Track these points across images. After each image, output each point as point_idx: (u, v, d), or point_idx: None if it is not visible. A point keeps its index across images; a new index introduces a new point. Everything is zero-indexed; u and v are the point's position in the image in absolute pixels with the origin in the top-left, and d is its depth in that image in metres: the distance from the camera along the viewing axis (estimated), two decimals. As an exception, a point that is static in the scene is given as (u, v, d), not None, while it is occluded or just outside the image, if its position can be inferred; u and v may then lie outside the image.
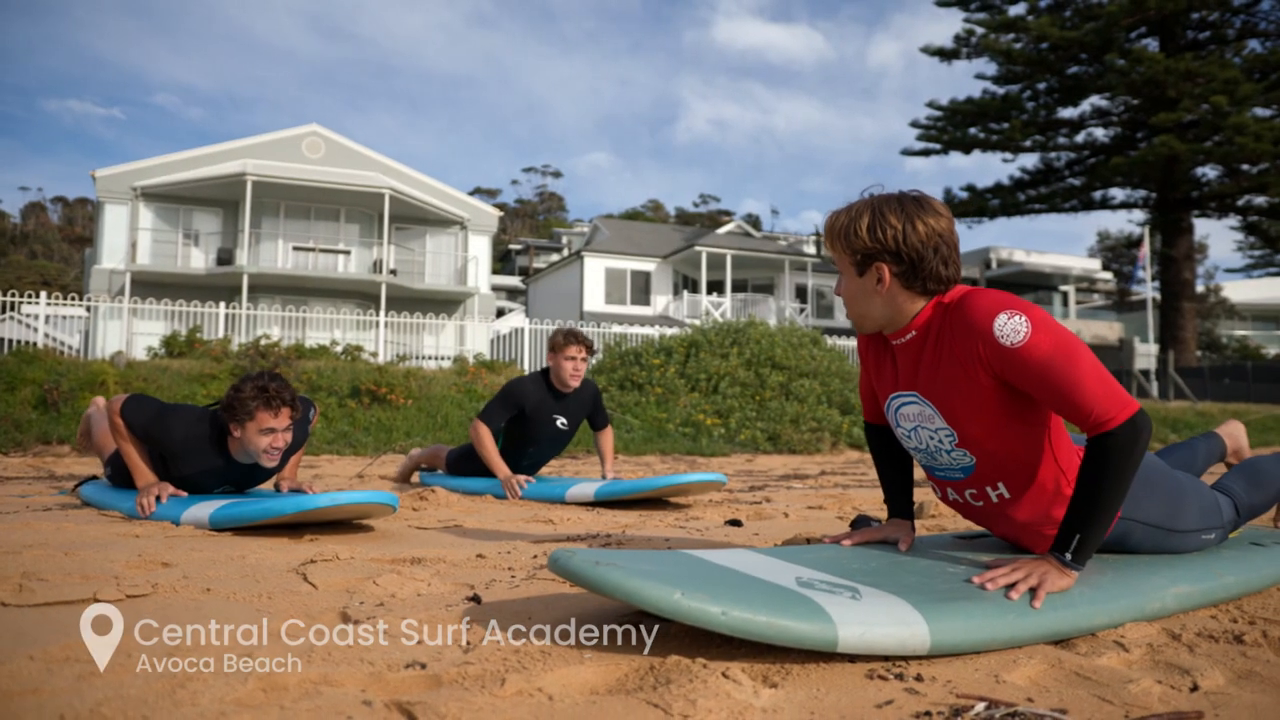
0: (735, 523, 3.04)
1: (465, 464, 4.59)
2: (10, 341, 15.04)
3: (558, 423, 4.31)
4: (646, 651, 1.37)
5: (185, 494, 3.08)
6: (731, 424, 11.84)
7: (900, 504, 2.09)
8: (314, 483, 4.88)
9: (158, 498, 3.00)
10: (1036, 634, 1.54)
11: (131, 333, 20.59)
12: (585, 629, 1.44)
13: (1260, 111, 33.06)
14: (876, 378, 1.96)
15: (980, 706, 1.22)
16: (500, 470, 4.14)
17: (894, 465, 2.12)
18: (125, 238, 23.78)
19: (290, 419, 2.98)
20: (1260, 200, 34.54)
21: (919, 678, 1.35)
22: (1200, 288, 45.40)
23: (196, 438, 3.01)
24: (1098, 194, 36.58)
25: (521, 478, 4.14)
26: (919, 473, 2.39)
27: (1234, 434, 2.77)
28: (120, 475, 3.43)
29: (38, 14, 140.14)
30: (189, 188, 24.22)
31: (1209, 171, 34.88)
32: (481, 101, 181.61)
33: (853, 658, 1.38)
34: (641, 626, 1.44)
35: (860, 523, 2.33)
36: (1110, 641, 1.60)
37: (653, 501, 3.87)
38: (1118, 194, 37.00)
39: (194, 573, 1.90)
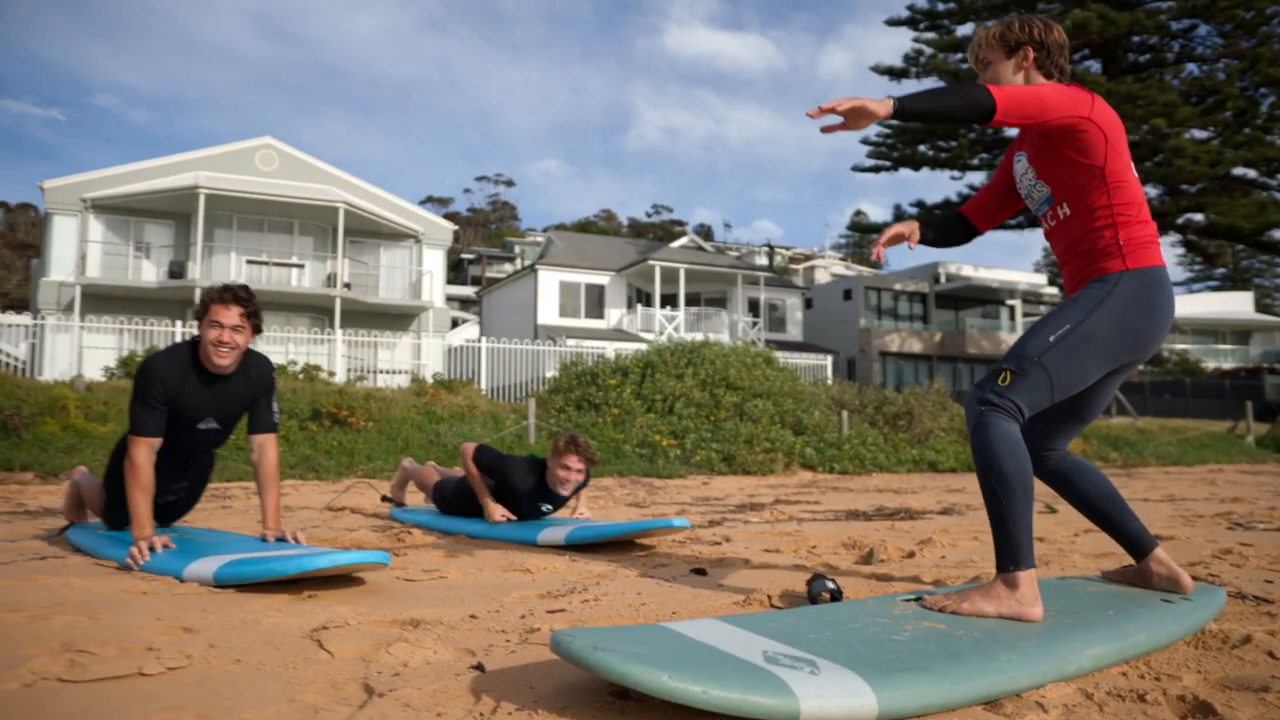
0: (700, 571, 3.28)
1: (452, 504, 4.79)
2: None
3: (542, 508, 4.57)
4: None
5: (175, 546, 3.26)
6: (687, 445, 12.11)
7: (928, 222, 2.93)
8: (290, 521, 5.04)
9: (153, 549, 3.19)
10: (969, 698, 1.79)
11: (82, 346, 20.36)
12: (579, 699, 1.67)
13: (1198, 134, 34.24)
14: (1012, 147, 2.77)
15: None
16: (487, 506, 4.43)
17: (948, 217, 2.97)
18: (74, 250, 23.51)
19: (242, 319, 3.41)
20: (1199, 218, 35.72)
21: (868, 743, 1.59)
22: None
23: (176, 360, 3.43)
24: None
25: (505, 513, 4.41)
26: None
27: None
28: (113, 512, 3.64)
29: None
30: (140, 200, 24.01)
31: (1150, 190, 35.96)
32: (432, 107, 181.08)
33: (812, 726, 1.62)
34: (629, 696, 1.68)
35: (816, 583, 2.58)
36: (1032, 702, 1.85)
37: (621, 544, 4.10)
38: (1062, 212, 37.98)
39: (219, 640, 2.09)
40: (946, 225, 2.94)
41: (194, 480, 3.89)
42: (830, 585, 2.59)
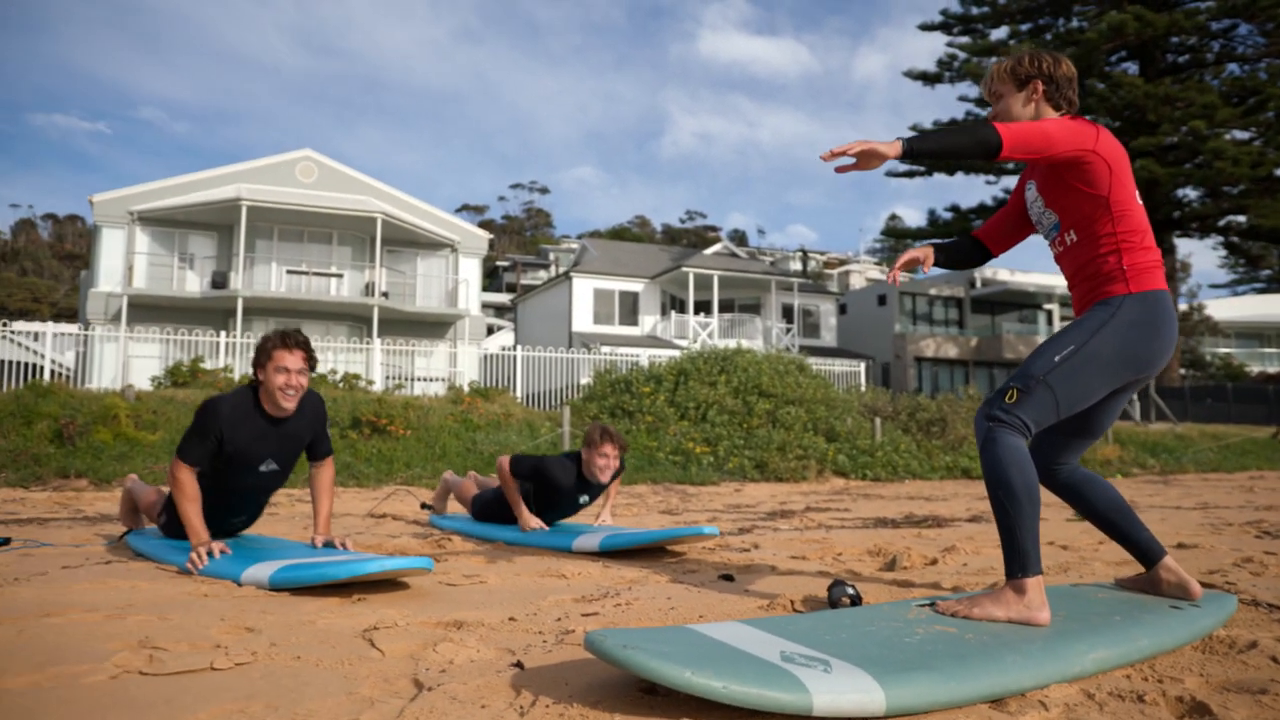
0: (728, 578, 3.42)
1: (490, 511, 5.01)
2: (5, 363, 15.31)
3: (580, 499, 4.79)
4: (660, 714, 1.75)
5: (231, 551, 3.46)
6: (720, 452, 12.23)
7: (942, 247, 3.03)
8: (334, 528, 5.24)
9: (211, 554, 3.39)
10: (974, 696, 1.92)
11: (128, 355, 20.84)
12: (611, 694, 1.82)
13: (1239, 134, 33.81)
14: (1023, 176, 2.88)
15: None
16: (522, 515, 4.63)
17: (963, 241, 3.06)
18: (121, 261, 24.09)
19: (304, 362, 3.56)
20: (1241, 220, 35.24)
21: (877, 735, 1.72)
22: (1184, 306, 46.10)
23: (239, 405, 3.57)
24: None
25: (539, 523, 4.58)
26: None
27: None
28: (173, 526, 3.82)
29: (25, 30, 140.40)
30: (185, 212, 24.56)
31: (1190, 192, 35.53)
32: (468, 117, 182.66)
33: (826, 719, 1.76)
34: (657, 691, 1.84)
35: (836, 589, 2.72)
36: (1035, 701, 1.98)
37: (652, 550, 4.25)
38: (1100, 216, 37.57)
39: (279, 639, 2.27)
40: (961, 249, 3.06)
41: (250, 514, 4.07)
42: (850, 591, 2.73)
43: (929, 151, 2.36)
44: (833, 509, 7.25)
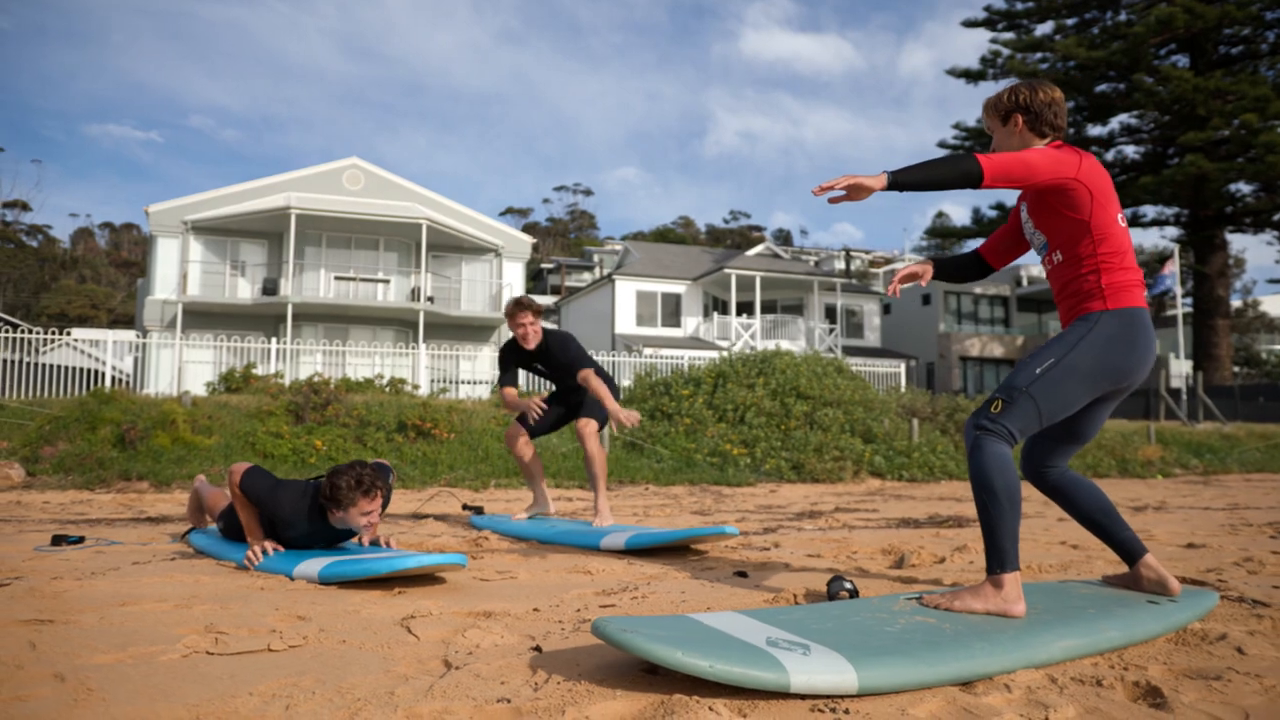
0: (742, 574, 3.65)
1: (237, 529, 4.11)
2: (67, 369, 15.97)
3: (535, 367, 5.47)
4: (658, 691, 1.99)
5: (283, 549, 3.77)
6: (757, 454, 12.43)
7: (942, 262, 3.26)
8: (381, 527, 5.55)
9: (265, 552, 3.70)
10: (944, 679, 2.13)
11: (183, 360, 21.49)
12: (616, 674, 2.07)
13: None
14: (1020, 197, 3.04)
15: (881, 731, 1.82)
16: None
17: (963, 256, 3.29)
18: (176, 269, 24.87)
19: (377, 505, 3.65)
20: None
21: (848, 711, 1.95)
22: (1237, 302, 45.28)
23: (301, 510, 3.70)
24: (1129, 211, 36.72)
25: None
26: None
27: None
28: (231, 529, 4.12)
29: (78, 41, 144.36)
30: (236, 221, 25.29)
31: (1244, 187, 34.89)
32: (511, 119, 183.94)
33: (802, 696, 1.99)
34: (658, 671, 2.08)
35: (835, 583, 2.94)
36: (1001, 684, 2.18)
37: (677, 549, 4.49)
38: (1149, 211, 37.15)
39: (327, 626, 2.55)
40: (960, 264, 3.27)
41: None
42: (848, 586, 2.94)
43: (914, 183, 2.57)
44: (861, 509, 7.44)
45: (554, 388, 5.72)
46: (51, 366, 15.83)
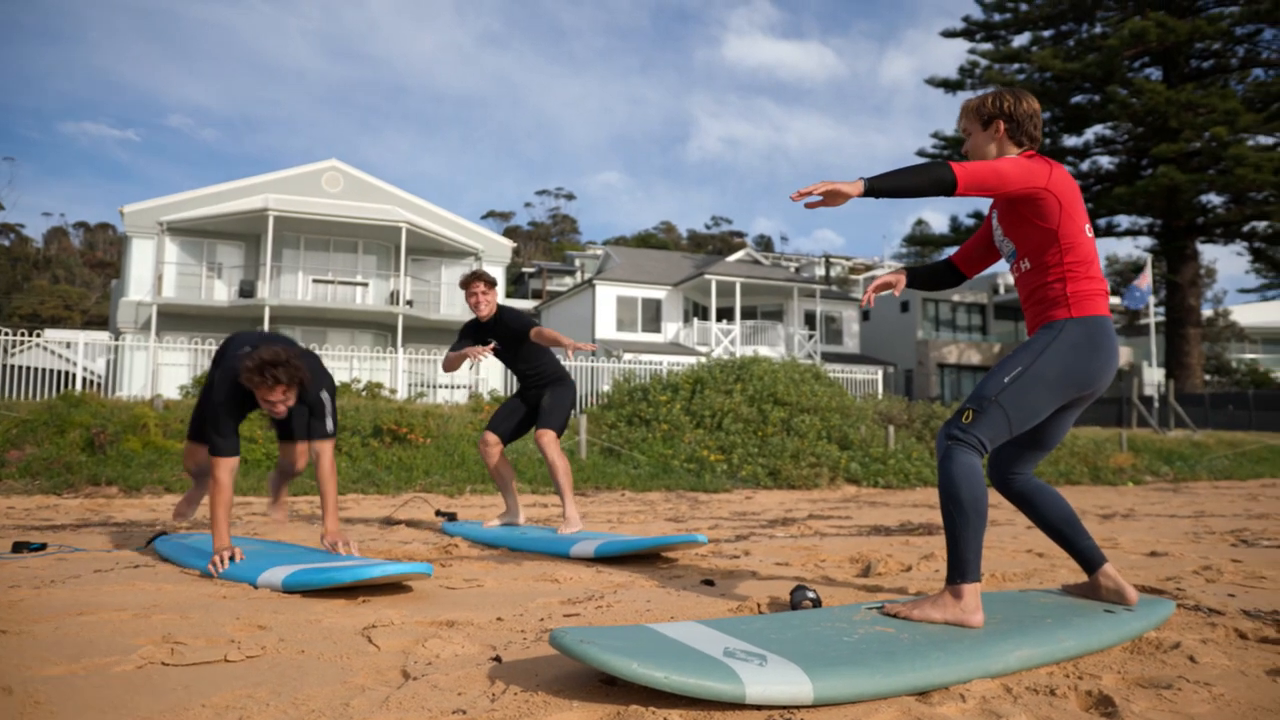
0: (709, 582, 3.66)
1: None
2: (38, 370, 15.80)
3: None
4: (615, 701, 2.00)
5: (246, 557, 3.75)
6: (734, 460, 12.45)
7: (915, 271, 3.34)
8: (348, 534, 5.52)
9: (231, 559, 3.68)
10: (899, 689, 2.15)
11: (157, 363, 21.32)
12: (574, 684, 2.08)
13: (1264, 139, 33.58)
14: (992, 205, 3.05)
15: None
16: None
17: (936, 265, 3.33)
18: (151, 271, 24.66)
19: (284, 393, 3.79)
20: (1264, 226, 35.03)
21: (802, 721, 1.96)
22: (1208, 312, 45.79)
23: (237, 395, 3.92)
24: (1103, 221, 37.12)
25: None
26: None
27: None
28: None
29: (54, 38, 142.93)
30: (213, 222, 25.11)
31: (1215, 198, 35.33)
32: (494, 122, 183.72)
33: (758, 707, 2.00)
34: (615, 683, 2.08)
35: (798, 593, 2.96)
36: (956, 694, 2.20)
37: (647, 556, 4.50)
38: (1123, 221, 37.57)
39: (287, 636, 2.54)
40: (933, 273, 3.31)
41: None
42: (810, 595, 2.96)
43: (890, 190, 2.59)
44: (834, 516, 7.47)
45: (521, 389, 5.72)
46: (23, 368, 15.65)
